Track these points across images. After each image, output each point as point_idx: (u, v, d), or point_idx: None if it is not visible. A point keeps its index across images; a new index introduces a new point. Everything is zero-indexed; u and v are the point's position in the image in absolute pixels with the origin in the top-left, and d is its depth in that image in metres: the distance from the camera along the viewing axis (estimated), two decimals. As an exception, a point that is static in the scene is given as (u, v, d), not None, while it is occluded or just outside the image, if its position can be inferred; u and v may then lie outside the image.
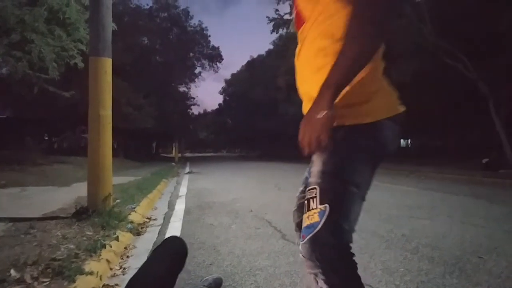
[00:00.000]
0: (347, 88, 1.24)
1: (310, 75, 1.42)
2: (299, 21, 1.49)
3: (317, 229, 1.28)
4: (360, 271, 1.30)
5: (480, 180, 10.92)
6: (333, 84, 1.19)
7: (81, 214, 4.49)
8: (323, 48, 1.34)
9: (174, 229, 4.67)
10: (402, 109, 1.41)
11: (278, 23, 29.00)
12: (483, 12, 14.53)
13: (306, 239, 1.31)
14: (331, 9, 1.32)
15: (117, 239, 3.63)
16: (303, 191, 1.58)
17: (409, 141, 37.46)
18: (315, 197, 1.32)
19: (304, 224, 1.34)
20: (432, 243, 3.83)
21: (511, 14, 12.26)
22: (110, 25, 4.97)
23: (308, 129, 1.21)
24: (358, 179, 1.34)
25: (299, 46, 1.50)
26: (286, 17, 28.57)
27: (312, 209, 1.32)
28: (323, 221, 1.28)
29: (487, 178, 11.09)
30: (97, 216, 4.37)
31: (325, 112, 1.17)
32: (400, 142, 1.25)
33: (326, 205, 1.29)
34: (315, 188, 1.33)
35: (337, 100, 1.22)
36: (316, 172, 1.35)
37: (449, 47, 15.41)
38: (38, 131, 27.01)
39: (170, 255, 1.73)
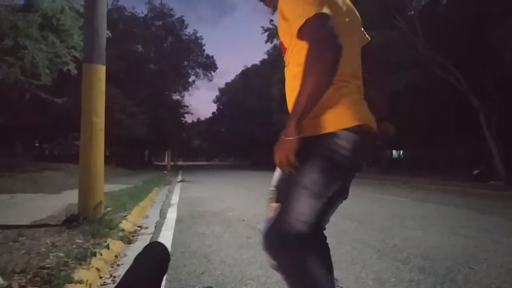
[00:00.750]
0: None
1: (289, 95, 1.65)
2: (283, 49, 1.72)
3: (270, 224, 1.57)
4: (351, 281, 1.33)
5: (471, 191, 10.99)
6: (296, 114, 1.41)
7: (71, 221, 4.46)
8: (297, 74, 1.50)
9: (166, 238, 4.64)
10: (364, 121, 1.54)
11: (273, 33, 29.08)
12: (474, 26, 14.73)
13: (262, 232, 1.62)
14: (301, 43, 1.49)
15: (107, 247, 3.60)
16: None
17: (401, 152, 37.60)
18: (273, 197, 1.58)
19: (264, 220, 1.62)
20: (423, 253, 3.83)
21: (501, 29, 12.40)
22: (104, 33, 4.97)
23: (279, 151, 1.45)
24: (311, 181, 1.50)
25: (285, 69, 1.73)
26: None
27: (270, 207, 1.58)
28: (275, 217, 1.54)
29: (478, 190, 11.16)
30: (88, 224, 4.34)
31: (291, 138, 1.41)
32: (368, 150, 1.34)
33: (279, 203, 1.54)
34: (274, 190, 1.60)
35: None
36: (276, 176, 1.62)
37: (441, 59, 15.56)
38: (29, 137, 26.81)
39: (153, 261, 1.72)
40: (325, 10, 1.42)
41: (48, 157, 25.35)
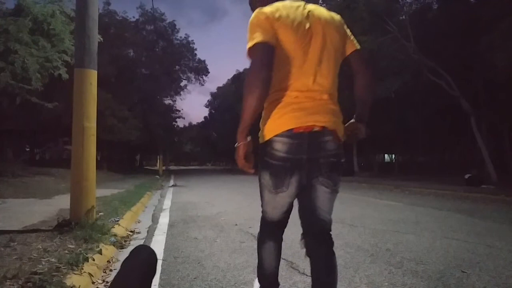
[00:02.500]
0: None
1: None
2: None
3: None
4: (345, 286, 1.34)
5: (463, 195, 11.05)
6: (240, 127, 1.84)
7: (63, 227, 4.43)
8: None
9: (158, 243, 4.62)
10: (294, 125, 1.84)
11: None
12: (465, 32, 14.89)
13: None
14: None
15: (100, 252, 3.57)
16: None
17: (393, 156, 37.82)
18: None
19: None
20: (416, 257, 3.85)
21: (491, 35, 12.53)
22: (96, 37, 4.96)
23: (235, 156, 1.87)
24: (263, 179, 1.99)
25: None
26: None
27: None
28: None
29: (470, 193, 11.22)
30: (80, 229, 4.31)
31: (237, 145, 1.85)
32: (304, 146, 1.54)
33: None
34: None
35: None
36: None
37: (432, 64, 15.69)
38: (20, 142, 26.65)
39: (141, 265, 1.71)
40: (264, 38, 1.79)
41: (39, 162, 25.20)
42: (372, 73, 2.18)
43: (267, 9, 1.89)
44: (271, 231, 2.20)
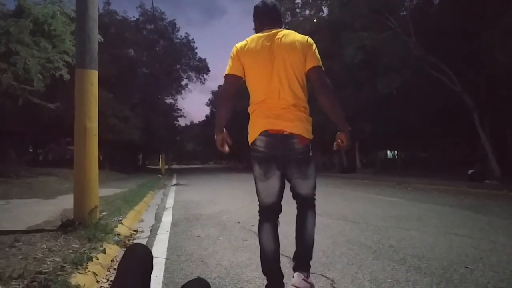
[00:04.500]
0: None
1: None
2: None
3: None
4: (348, 282, 1.34)
5: (466, 191, 11.04)
6: (216, 126, 2.72)
7: (67, 226, 4.44)
8: None
9: (161, 241, 4.63)
10: (265, 128, 2.54)
11: (264, 35, 29.10)
12: (466, 27, 14.82)
13: None
14: None
15: (103, 251, 3.58)
16: None
17: (395, 152, 37.78)
18: None
19: None
20: (419, 253, 3.85)
21: (493, 30, 12.48)
22: (96, 37, 4.96)
23: (217, 142, 2.75)
24: (254, 171, 2.69)
25: None
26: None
27: None
28: None
29: (473, 189, 11.22)
30: (84, 228, 4.32)
31: (219, 135, 2.72)
32: (278, 143, 2.53)
33: None
34: None
35: None
36: None
37: (433, 59, 15.63)
38: (22, 143, 26.68)
39: (137, 264, 1.71)
40: (230, 71, 2.62)
41: (42, 162, 25.29)
42: (330, 86, 2.57)
43: (240, 43, 2.65)
44: (266, 215, 2.70)
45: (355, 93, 21.10)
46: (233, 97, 2.67)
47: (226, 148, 2.74)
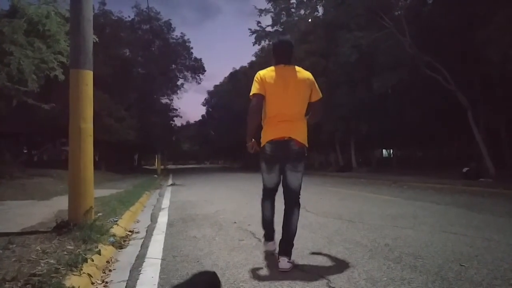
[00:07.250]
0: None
1: None
2: None
3: None
4: (343, 281, 1.35)
5: (461, 189, 11.08)
6: (248, 136, 3.62)
7: (61, 228, 4.42)
8: None
9: (157, 242, 4.62)
10: (272, 137, 3.50)
11: (260, 35, 29.20)
12: (460, 26, 14.86)
13: None
14: None
15: (99, 252, 3.57)
16: None
17: (391, 151, 37.82)
18: None
19: None
20: (415, 252, 3.86)
21: (486, 29, 12.52)
22: (91, 38, 4.95)
23: (248, 147, 3.67)
24: (262, 166, 3.68)
25: None
26: (268, 29, 28.81)
27: None
28: None
29: (467, 187, 11.27)
30: (79, 229, 4.30)
31: (250, 143, 3.65)
32: (280, 148, 3.55)
33: None
34: None
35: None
36: None
37: (428, 58, 15.68)
38: (17, 144, 26.56)
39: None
40: (257, 91, 3.48)
41: (37, 163, 25.14)
42: (322, 112, 3.80)
43: (262, 72, 3.57)
44: (267, 194, 3.78)
45: (351, 92, 21.13)
46: (260, 111, 3.56)
47: (255, 150, 3.68)
